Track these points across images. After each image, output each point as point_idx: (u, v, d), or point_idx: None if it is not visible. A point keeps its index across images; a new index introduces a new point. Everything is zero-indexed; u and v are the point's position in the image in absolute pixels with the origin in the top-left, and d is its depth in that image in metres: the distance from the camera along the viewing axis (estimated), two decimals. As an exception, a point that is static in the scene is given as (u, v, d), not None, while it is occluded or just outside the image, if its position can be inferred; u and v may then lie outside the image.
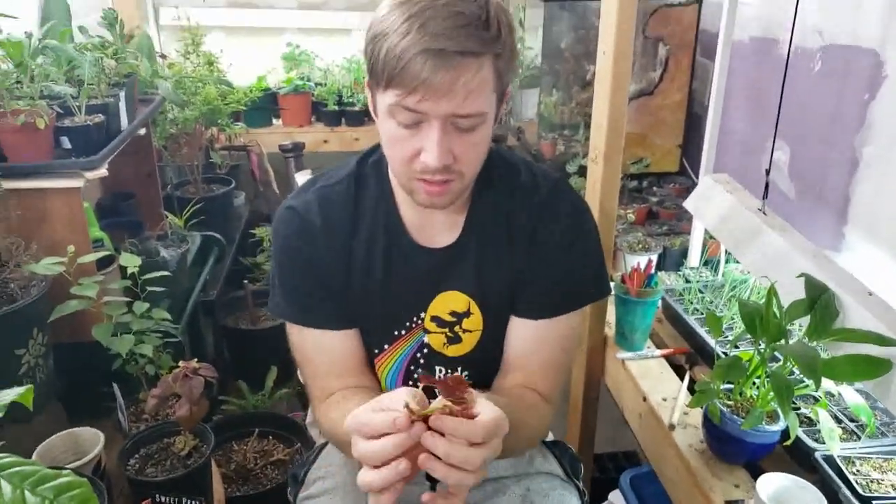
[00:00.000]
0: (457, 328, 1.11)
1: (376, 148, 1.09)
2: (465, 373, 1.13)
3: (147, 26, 3.13)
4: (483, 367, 1.13)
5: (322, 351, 1.10)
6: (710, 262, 1.88)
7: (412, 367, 1.13)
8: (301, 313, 1.10)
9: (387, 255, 1.08)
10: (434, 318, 1.10)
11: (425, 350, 1.12)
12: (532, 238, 1.07)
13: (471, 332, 1.11)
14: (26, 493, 0.67)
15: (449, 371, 1.13)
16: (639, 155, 2.57)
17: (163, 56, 2.79)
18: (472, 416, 0.77)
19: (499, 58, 0.89)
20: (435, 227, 1.08)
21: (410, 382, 1.13)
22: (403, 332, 1.11)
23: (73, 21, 2.10)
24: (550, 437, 1.29)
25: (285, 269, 1.10)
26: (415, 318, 1.11)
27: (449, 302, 1.10)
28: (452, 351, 1.12)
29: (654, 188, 2.52)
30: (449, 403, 0.77)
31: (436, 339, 1.11)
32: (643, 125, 2.54)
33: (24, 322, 1.29)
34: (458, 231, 1.08)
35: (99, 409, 1.53)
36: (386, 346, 1.12)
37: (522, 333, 1.10)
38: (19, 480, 0.68)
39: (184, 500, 1.25)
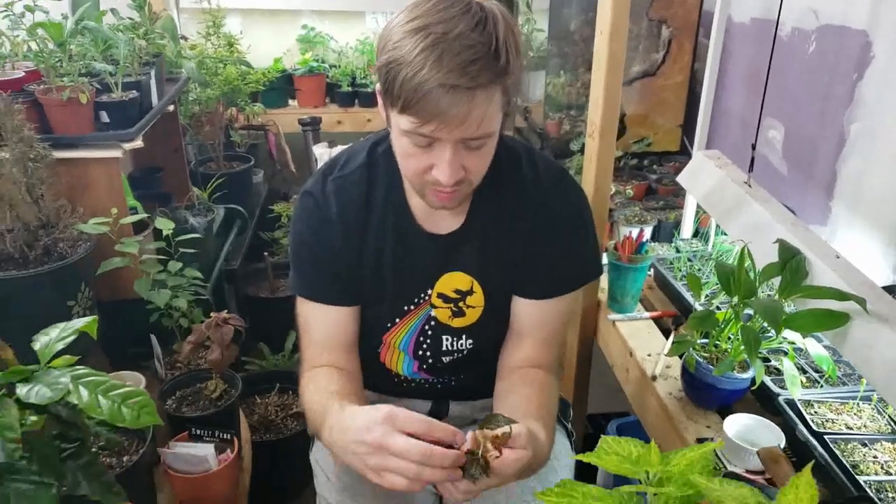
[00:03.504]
0: (461, 304, 1.21)
1: (386, 136, 1.14)
2: (469, 340, 1.24)
3: (169, 9, 3.26)
4: (485, 334, 1.25)
5: (322, 324, 1.21)
6: (700, 234, 1.99)
7: (421, 339, 1.25)
8: (310, 288, 1.20)
9: (396, 242, 1.18)
10: (440, 295, 1.21)
11: (433, 322, 1.23)
12: (532, 226, 1.15)
13: (473, 307, 1.21)
14: (99, 397, 0.82)
15: (455, 339, 1.24)
16: (641, 134, 2.67)
17: (184, 38, 2.92)
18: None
19: (507, 83, 0.94)
20: (441, 215, 1.16)
21: (420, 352, 1.25)
22: (412, 307, 1.22)
23: (101, 4, 2.23)
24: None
25: (301, 248, 1.21)
26: (422, 295, 1.21)
27: (453, 281, 1.20)
28: (457, 323, 1.23)
29: (655, 166, 2.63)
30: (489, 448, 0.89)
31: (442, 314, 1.22)
32: (646, 106, 2.64)
33: (73, 277, 1.44)
34: (462, 218, 1.16)
35: (137, 360, 1.68)
36: (397, 320, 1.23)
37: (526, 311, 1.21)
38: (94, 387, 0.82)
39: (216, 432, 1.41)
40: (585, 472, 1.35)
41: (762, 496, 0.60)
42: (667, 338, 1.66)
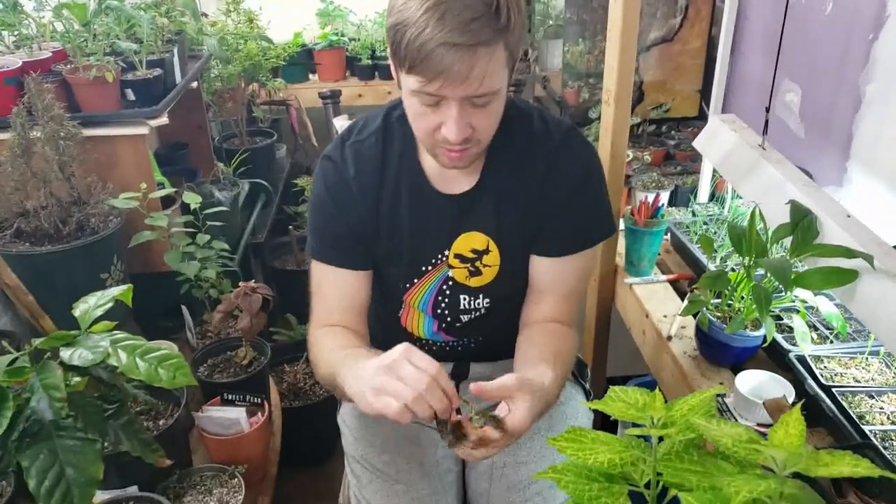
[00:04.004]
0: (477, 263, 1.25)
1: (401, 102, 1.18)
2: (486, 299, 1.28)
3: (188, -14, 3.29)
4: (502, 293, 1.28)
5: (336, 286, 1.25)
6: (717, 198, 2.01)
7: (439, 298, 1.29)
8: (325, 251, 1.24)
9: (412, 203, 1.21)
10: (457, 256, 1.24)
11: (450, 282, 1.27)
12: (545, 183, 1.17)
13: (490, 266, 1.25)
14: (137, 360, 0.88)
15: (472, 298, 1.28)
16: (659, 100, 2.67)
17: (205, 15, 2.96)
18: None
19: (510, 40, 0.97)
20: (454, 176, 1.19)
21: (438, 311, 1.29)
22: (430, 267, 1.26)
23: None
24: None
25: (318, 211, 1.25)
26: (440, 256, 1.25)
27: (470, 241, 1.23)
28: (474, 282, 1.27)
29: (673, 132, 2.63)
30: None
31: (459, 273, 1.26)
32: (664, 72, 2.63)
33: (106, 250, 1.50)
34: (475, 178, 1.20)
35: (168, 331, 1.75)
36: (416, 281, 1.27)
37: (543, 269, 1.25)
38: (131, 350, 0.88)
39: (248, 397, 1.47)
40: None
41: (755, 433, 0.64)
42: (683, 300, 1.69)
